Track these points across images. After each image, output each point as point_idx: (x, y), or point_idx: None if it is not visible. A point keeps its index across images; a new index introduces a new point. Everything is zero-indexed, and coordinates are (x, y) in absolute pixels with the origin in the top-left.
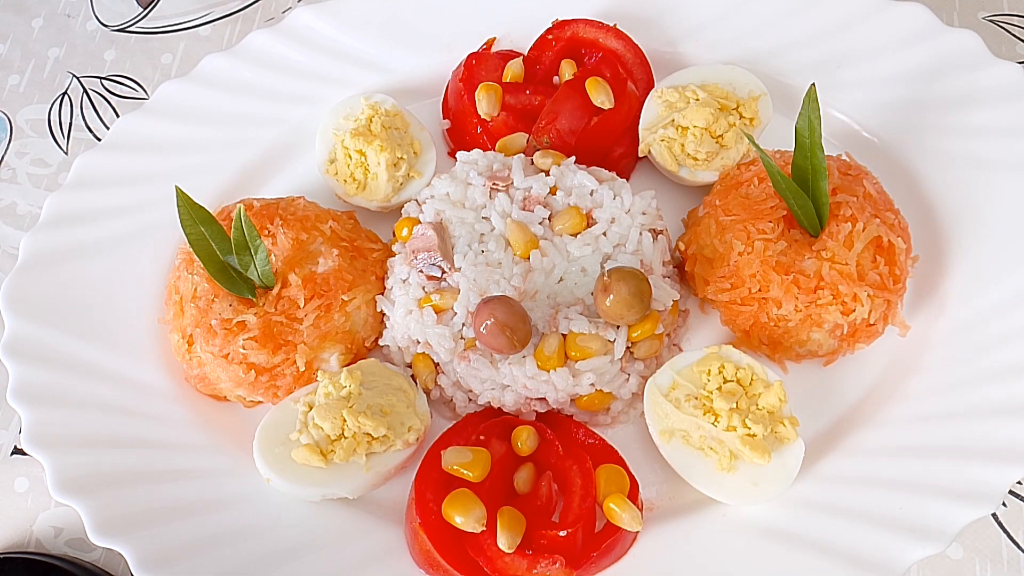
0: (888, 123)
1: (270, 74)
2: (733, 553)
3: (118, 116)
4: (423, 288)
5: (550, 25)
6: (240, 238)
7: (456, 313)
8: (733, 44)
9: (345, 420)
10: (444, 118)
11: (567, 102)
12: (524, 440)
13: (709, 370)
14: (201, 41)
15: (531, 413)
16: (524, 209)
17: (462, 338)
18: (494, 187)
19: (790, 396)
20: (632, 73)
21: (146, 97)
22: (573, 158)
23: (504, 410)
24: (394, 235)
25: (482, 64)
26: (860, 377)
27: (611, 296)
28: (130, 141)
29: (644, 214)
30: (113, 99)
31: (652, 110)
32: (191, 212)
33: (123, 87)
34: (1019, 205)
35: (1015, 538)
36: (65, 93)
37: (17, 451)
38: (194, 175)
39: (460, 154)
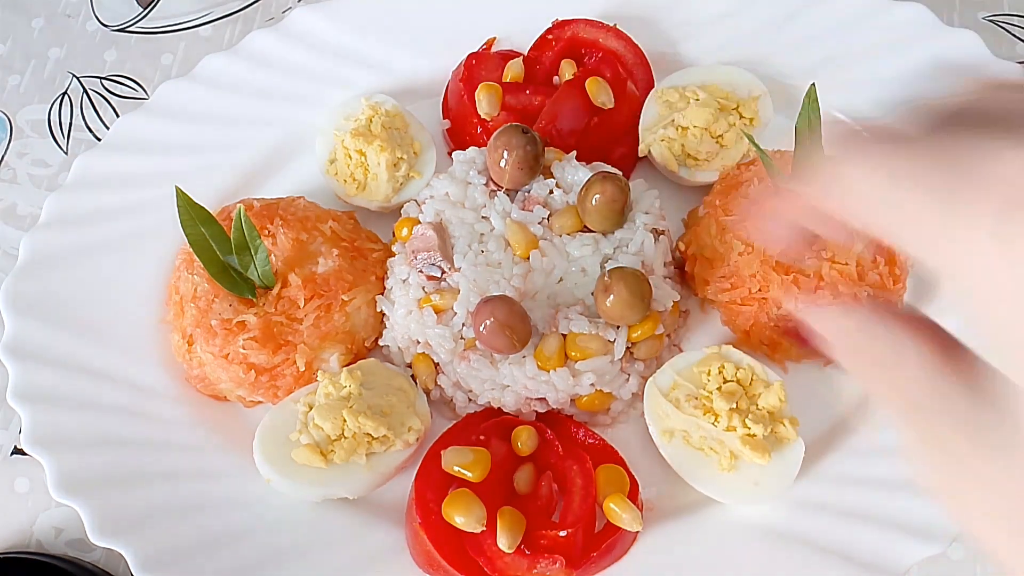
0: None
1: (270, 74)
2: (733, 553)
3: (118, 116)
4: (423, 288)
5: (550, 25)
6: (240, 238)
7: (456, 313)
8: (733, 44)
9: (345, 420)
10: (444, 118)
11: (567, 102)
12: (524, 440)
13: (709, 370)
14: (201, 41)
15: (531, 413)
16: (524, 209)
17: (462, 338)
18: (494, 188)
19: (790, 396)
20: (632, 73)
21: (146, 97)
22: (574, 153)
23: (504, 410)
24: (394, 235)
25: (482, 64)
26: None
27: (611, 296)
28: (130, 141)
29: (647, 213)
30: (113, 99)
31: (652, 110)
32: (191, 212)
33: (123, 87)
34: None
35: None
36: (65, 93)
37: (17, 451)
38: (194, 175)
39: (457, 154)
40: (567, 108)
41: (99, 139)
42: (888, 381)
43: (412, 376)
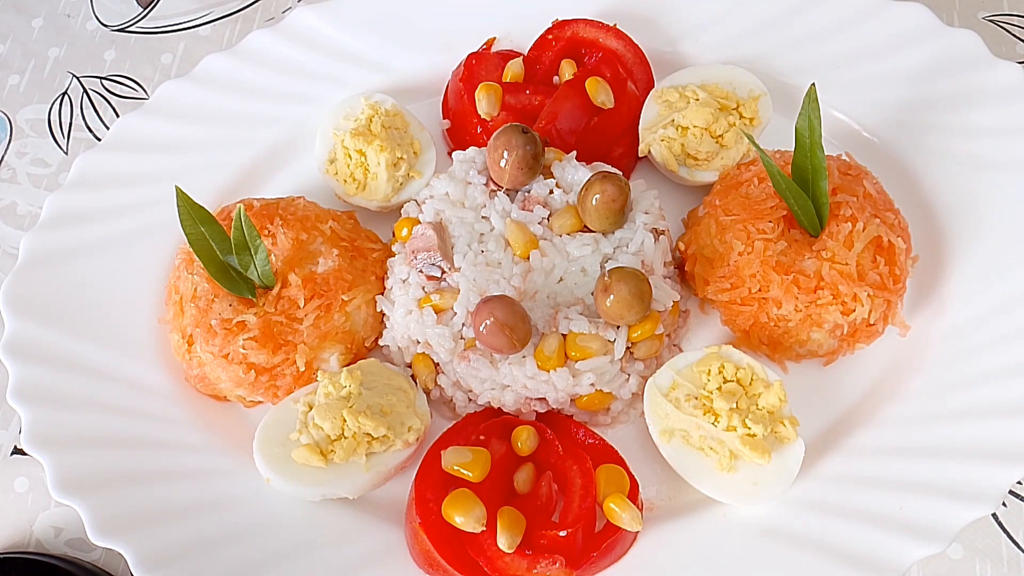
0: (888, 123)
1: (270, 74)
2: (733, 553)
3: (118, 116)
4: (423, 288)
5: (550, 25)
6: (240, 238)
7: (456, 313)
8: (733, 44)
9: (345, 420)
10: (444, 118)
11: (567, 102)
12: (524, 440)
13: (709, 370)
14: (201, 41)
15: (531, 413)
16: (524, 209)
17: (462, 338)
18: (494, 188)
19: (790, 396)
20: (632, 73)
21: (146, 97)
22: (574, 153)
23: (504, 410)
24: (394, 235)
25: (482, 64)
26: (860, 377)
27: (611, 296)
28: (130, 141)
29: (647, 213)
30: (113, 99)
31: (652, 110)
32: (191, 212)
33: (123, 87)
34: (1019, 205)
35: (1015, 538)
36: (65, 93)
37: (17, 451)
38: (194, 175)
39: (456, 154)
40: (567, 108)
41: (99, 139)
42: None
43: (412, 376)
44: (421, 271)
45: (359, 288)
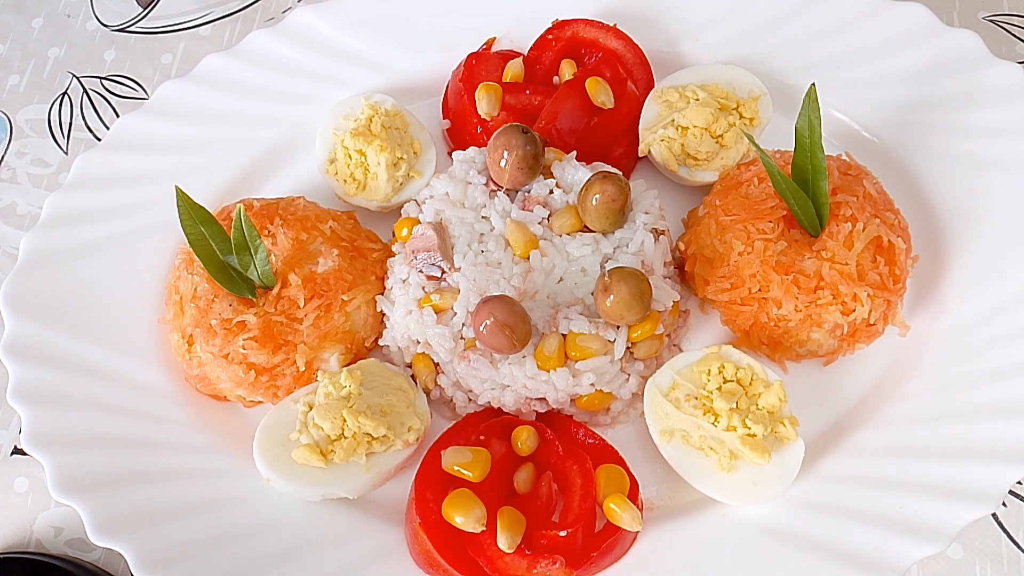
0: (888, 123)
1: (270, 74)
2: (733, 553)
3: (118, 116)
4: (423, 288)
5: (550, 25)
6: (240, 238)
7: (456, 313)
8: (733, 44)
9: (345, 420)
10: (444, 118)
11: (567, 102)
12: (524, 440)
13: (709, 370)
14: (201, 41)
15: (531, 413)
16: (524, 209)
17: (462, 338)
18: (494, 188)
19: (790, 396)
20: (632, 73)
21: (146, 97)
22: (574, 153)
23: (504, 410)
24: (394, 235)
25: (482, 64)
26: (860, 377)
27: (611, 296)
28: (130, 141)
29: (647, 213)
30: (113, 99)
31: (652, 110)
32: (191, 212)
33: (123, 87)
34: (1019, 205)
35: (1015, 538)
36: (65, 93)
37: (17, 451)
38: (194, 175)
39: (456, 154)
40: (567, 108)
41: (99, 139)
42: None
43: (412, 376)
44: (421, 271)
45: (359, 288)
